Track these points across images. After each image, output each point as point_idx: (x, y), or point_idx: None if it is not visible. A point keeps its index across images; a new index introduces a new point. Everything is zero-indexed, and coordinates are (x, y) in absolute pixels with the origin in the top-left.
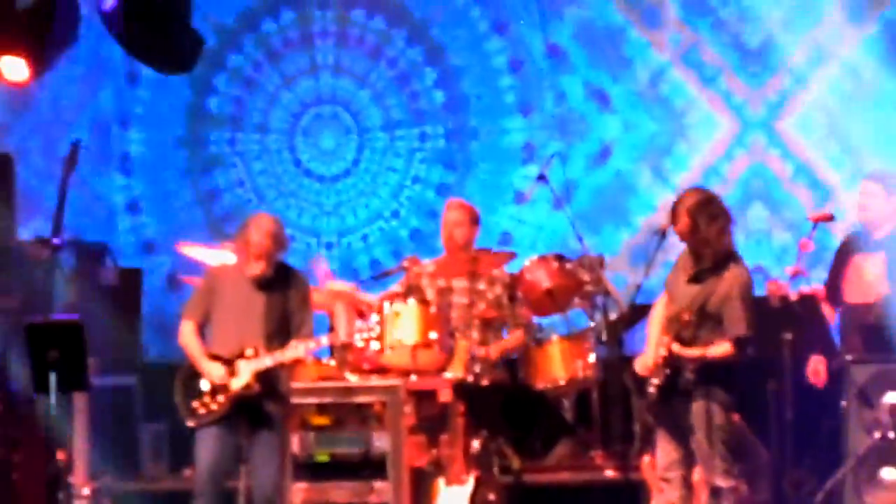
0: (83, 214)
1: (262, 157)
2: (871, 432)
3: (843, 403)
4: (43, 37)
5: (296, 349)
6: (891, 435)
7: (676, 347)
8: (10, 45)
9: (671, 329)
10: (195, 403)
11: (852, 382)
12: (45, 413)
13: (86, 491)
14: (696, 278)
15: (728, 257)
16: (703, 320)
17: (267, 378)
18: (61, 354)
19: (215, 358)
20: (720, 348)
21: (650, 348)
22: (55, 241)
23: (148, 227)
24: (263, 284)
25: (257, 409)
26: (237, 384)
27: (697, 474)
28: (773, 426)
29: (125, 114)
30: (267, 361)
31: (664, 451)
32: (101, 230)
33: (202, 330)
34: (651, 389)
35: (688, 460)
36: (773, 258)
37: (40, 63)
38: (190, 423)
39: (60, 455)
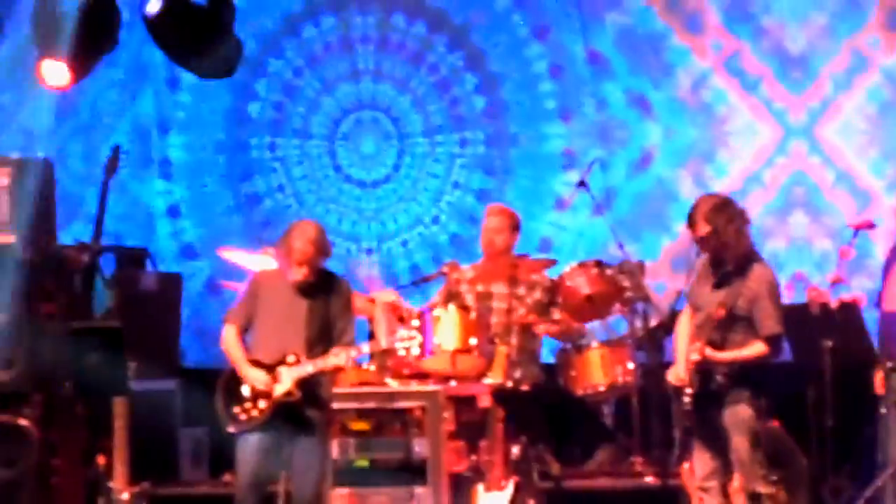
0: (123, 219)
1: (302, 162)
2: None
3: (883, 411)
4: (84, 41)
5: (338, 357)
6: None
7: (710, 352)
8: (51, 49)
9: (702, 335)
10: (236, 409)
11: (892, 390)
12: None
13: (125, 496)
14: (720, 283)
15: (750, 258)
16: (733, 323)
17: (308, 385)
18: (102, 358)
19: (256, 364)
20: (754, 349)
21: (680, 359)
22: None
23: (188, 232)
24: (306, 290)
25: (298, 416)
26: (279, 391)
27: (736, 481)
28: (813, 433)
29: (165, 119)
30: (309, 368)
31: (702, 460)
32: (141, 235)
33: (244, 335)
34: (686, 399)
35: (725, 468)
36: (813, 266)
37: (81, 68)
38: (231, 429)
39: (100, 459)
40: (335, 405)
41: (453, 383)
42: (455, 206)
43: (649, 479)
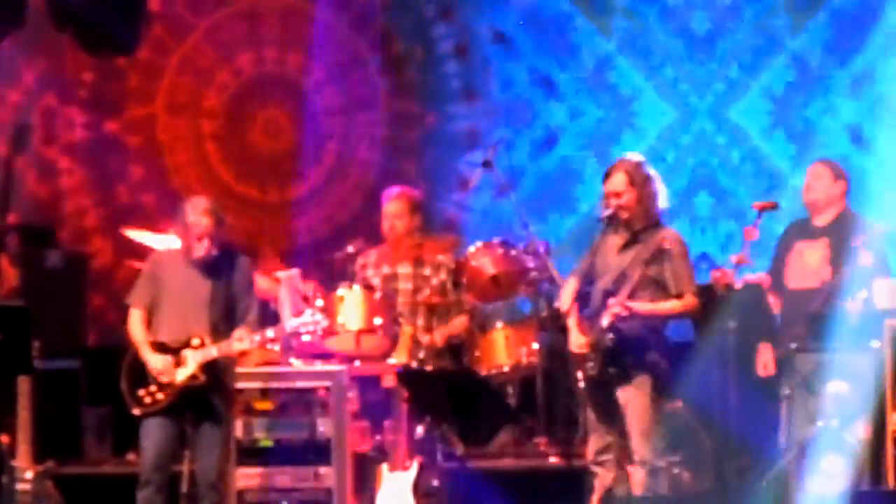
0: (28, 197)
1: (205, 141)
2: (814, 421)
3: (787, 392)
4: None
5: (242, 342)
6: (834, 423)
7: (633, 303)
8: None
9: (618, 289)
10: (141, 392)
11: (796, 371)
12: None
13: (29, 474)
14: (628, 245)
15: (658, 221)
16: (643, 283)
17: (213, 368)
18: (6, 337)
19: (161, 347)
20: (669, 304)
21: (574, 331)
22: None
23: (90, 211)
24: (207, 270)
25: (202, 398)
26: (183, 375)
27: (636, 455)
28: (717, 414)
29: (70, 97)
30: (213, 352)
31: (597, 434)
32: (45, 213)
33: (149, 317)
34: (590, 364)
35: (621, 442)
36: (717, 246)
37: None
38: (135, 412)
39: (4, 438)
40: (239, 385)
41: (357, 363)
42: (359, 186)
43: (553, 460)
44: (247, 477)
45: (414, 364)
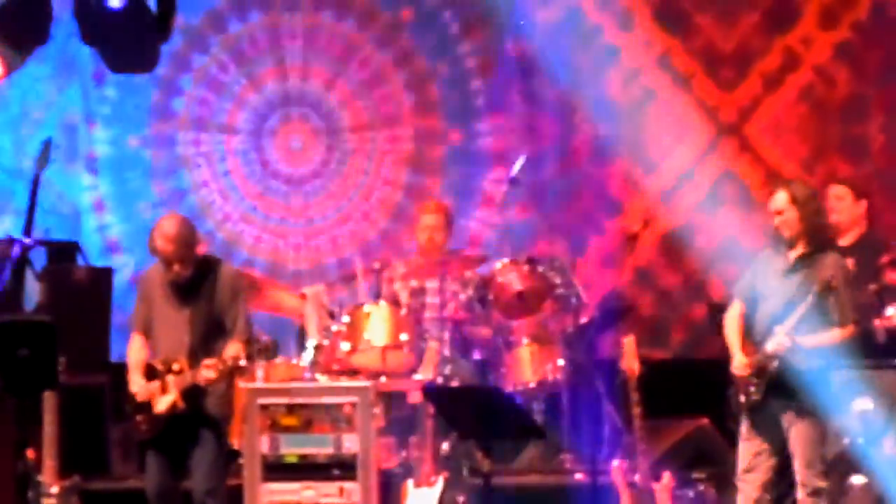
0: (50, 213)
1: (227, 158)
2: (841, 438)
3: None
4: (15, 35)
5: (209, 371)
6: (860, 441)
7: (799, 337)
8: None
9: (784, 316)
10: (138, 418)
11: None
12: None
13: (55, 489)
14: (792, 270)
15: (824, 245)
16: (809, 313)
17: (194, 395)
18: (31, 353)
19: (151, 371)
20: (835, 334)
21: (737, 353)
22: (27, 239)
23: (113, 227)
24: (186, 290)
25: (190, 423)
26: (165, 403)
27: (798, 475)
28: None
29: (92, 113)
30: (188, 379)
31: (748, 451)
32: (67, 229)
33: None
34: (752, 389)
35: (776, 462)
36: (744, 263)
37: (13, 61)
38: (135, 438)
39: (30, 453)
40: (264, 400)
41: (384, 379)
42: (384, 203)
43: (579, 476)
44: (272, 492)
45: (440, 380)
